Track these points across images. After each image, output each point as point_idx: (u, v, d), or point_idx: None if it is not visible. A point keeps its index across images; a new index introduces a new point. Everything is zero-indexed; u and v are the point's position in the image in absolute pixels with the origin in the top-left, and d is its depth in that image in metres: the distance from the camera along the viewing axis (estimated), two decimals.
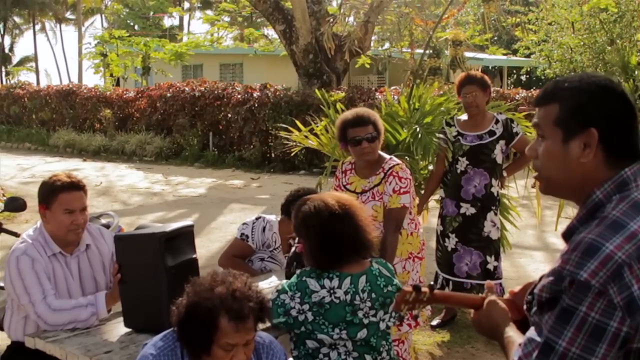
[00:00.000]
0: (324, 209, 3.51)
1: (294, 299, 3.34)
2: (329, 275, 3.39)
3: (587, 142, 2.22)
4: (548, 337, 2.12)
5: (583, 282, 2.04)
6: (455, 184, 6.86)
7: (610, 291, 2.02)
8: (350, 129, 5.16)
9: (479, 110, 6.78)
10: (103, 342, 3.85)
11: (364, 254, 3.56)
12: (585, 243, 2.09)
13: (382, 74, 37.94)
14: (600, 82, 2.29)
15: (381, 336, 3.55)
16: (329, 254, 3.44)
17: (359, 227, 3.51)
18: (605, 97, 2.25)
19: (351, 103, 17.21)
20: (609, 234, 2.09)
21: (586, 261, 2.06)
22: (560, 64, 27.03)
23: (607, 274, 2.03)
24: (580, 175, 2.27)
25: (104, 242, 4.50)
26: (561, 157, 2.29)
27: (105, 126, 26.93)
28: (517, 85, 42.87)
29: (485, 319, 2.60)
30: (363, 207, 3.70)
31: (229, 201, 14.81)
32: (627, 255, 2.04)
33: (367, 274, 3.49)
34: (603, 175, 2.23)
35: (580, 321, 2.05)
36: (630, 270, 2.03)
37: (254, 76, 33.09)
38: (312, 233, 3.49)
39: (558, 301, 2.10)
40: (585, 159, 2.23)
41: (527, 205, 11.95)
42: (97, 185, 17.70)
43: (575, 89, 2.29)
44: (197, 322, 2.86)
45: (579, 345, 2.06)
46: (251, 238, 5.22)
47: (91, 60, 36.42)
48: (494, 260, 6.90)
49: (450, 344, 6.71)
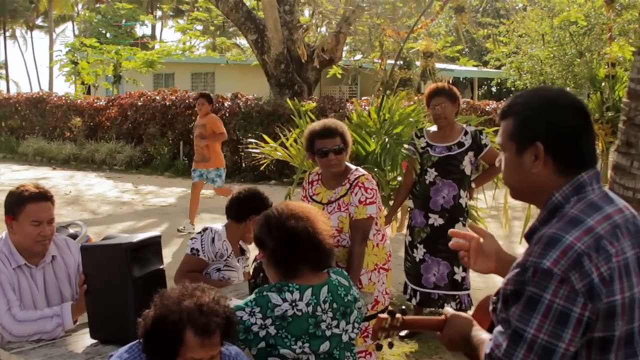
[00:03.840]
0: (286, 210, 3.53)
1: (253, 315, 3.30)
2: (290, 288, 3.37)
3: (536, 154, 2.35)
4: (516, 326, 2.21)
5: (546, 270, 2.15)
6: (423, 194, 6.88)
7: (572, 278, 2.14)
8: (317, 140, 5.17)
9: (448, 122, 6.82)
10: (68, 353, 3.82)
11: (323, 261, 3.55)
12: (546, 237, 2.22)
13: (353, 85, 38.01)
14: (548, 96, 2.42)
15: (344, 348, 3.54)
16: (291, 253, 3.43)
17: (318, 231, 3.51)
18: (551, 111, 2.37)
19: (322, 113, 17.23)
20: (568, 228, 2.22)
21: (548, 251, 2.18)
22: (530, 76, 27.28)
23: (568, 262, 2.14)
24: (535, 183, 2.40)
25: (70, 253, 4.46)
26: (517, 167, 2.43)
27: (75, 134, 26.75)
28: (488, 97, 43.11)
29: (454, 331, 2.67)
30: (325, 218, 3.69)
31: (200, 211, 14.74)
32: (586, 246, 2.16)
33: (328, 285, 3.48)
34: (556, 182, 2.36)
35: (546, 308, 2.16)
36: (589, 259, 2.15)
37: (226, 85, 33.05)
38: (274, 232, 3.47)
39: (523, 293, 2.20)
40: (536, 170, 2.37)
41: (496, 216, 12.02)
42: (66, 194, 17.58)
43: (525, 104, 2.43)
44: (163, 335, 2.85)
45: (546, 331, 2.16)
46: (202, 251, 5.14)
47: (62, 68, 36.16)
48: (462, 271, 6.93)
49: (419, 355, 6.73)
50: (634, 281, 2.23)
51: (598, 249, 2.17)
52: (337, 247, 5.15)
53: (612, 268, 2.18)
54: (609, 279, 2.16)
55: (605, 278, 2.16)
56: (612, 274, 2.17)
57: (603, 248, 2.18)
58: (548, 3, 26.47)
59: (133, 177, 21.47)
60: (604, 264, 2.17)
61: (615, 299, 2.17)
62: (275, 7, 19.82)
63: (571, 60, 24.99)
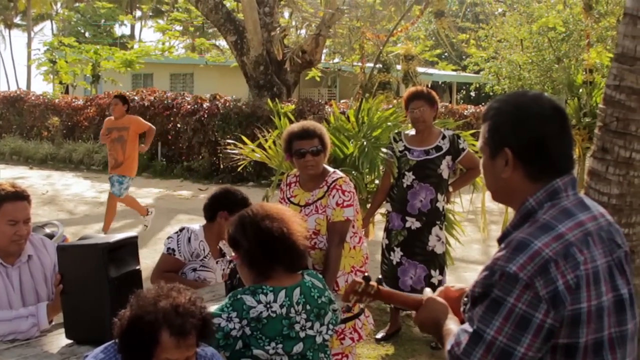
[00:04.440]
0: (260, 211, 3.54)
1: (231, 320, 3.30)
2: (264, 290, 3.37)
3: (506, 160, 2.38)
4: (478, 326, 2.24)
5: (512, 275, 2.18)
6: (401, 198, 6.91)
7: (537, 284, 2.15)
8: (295, 141, 5.17)
9: (426, 126, 6.85)
10: (43, 353, 3.80)
11: (297, 262, 3.56)
12: (515, 241, 2.24)
13: (332, 88, 38.03)
14: (519, 103, 2.44)
15: (318, 349, 3.54)
16: (265, 253, 3.43)
17: (292, 233, 3.52)
18: (521, 118, 2.39)
19: (301, 115, 17.24)
20: (538, 233, 2.23)
21: (516, 256, 2.20)
22: (508, 81, 27.39)
23: (534, 268, 2.16)
24: (508, 187, 2.43)
25: (46, 253, 4.44)
26: (491, 171, 2.47)
27: (52, 134, 26.64)
28: (467, 101, 43.27)
29: (427, 316, 2.69)
30: (300, 220, 3.70)
31: (177, 212, 14.74)
32: (554, 252, 2.18)
33: (300, 286, 3.49)
34: (529, 188, 2.38)
35: (507, 311, 2.18)
36: (556, 266, 2.16)
37: (205, 86, 32.99)
38: (248, 232, 3.48)
39: (489, 295, 2.22)
40: (505, 175, 2.40)
41: (474, 220, 12.07)
42: (43, 193, 17.50)
43: (497, 110, 2.46)
44: (138, 336, 2.84)
45: (506, 334, 2.18)
46: (178, 251, 5.13)
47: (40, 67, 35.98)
48: (439, 274, 6.96)
49: (395, 357, 6.76)
50: (603, 289, 2.24)
51: (566, 256, 2.19)
52: (314, 249, 5.16)
53: (579, 276, 2.18)
54: (574, 286, 2.17)
55: (571, 286, 2.17)
56: (579, 281, 2.18)
57: (572, 255, 2.19)
58: (527, 9, 26.59)
59: None
60: (571, 272, 2.18)
61: (580, 307, 2.18)
62: (255, 8, 19.81)
63: (549, 66, 25.14)
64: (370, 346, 6.95)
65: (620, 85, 4.53)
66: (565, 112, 2.44)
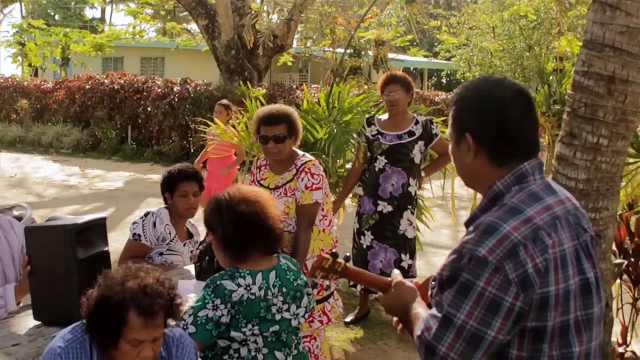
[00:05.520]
0: (237, 194, 3.54)
1: (217, 308, 3.30)
2: (241, 274, 3.38)
3: (468, 146, 2.39)
4: (447, 310, 2.24)
5: (481, 258, 2.18)
6: (373, 181, 6.92)
7: (506, 267, 2.16)
8: (261, 126, 5.16)
9: (400, 110, 6.87)
10: (11, 335, 3.78)
11: (273, 245, 3.57)
12: (484, 224, 2.24)
13: (304, 72, 37.98)
14: (480, 88, 2.45)
15: (292, 332, 3.57)
16: (241, 237, 3.44)
17: (269, 216, 3.53)
18: (480, 103, 2.40)
19: (272, 100, 17.20)
20: (506, 217, 2.24)
21: (484, 239, 2.20)
22: (480, 68, 27.45)
23: (503, 252, 2.17)
24: (474, 172, 2.45)
25: (14, 234, 4.40)
26: (457, 157, 2.49)
27: (21, 117, 26.44)
28: (438, 88, 43.35)
29: (395, 299, 2.70)
30: (275, 202, 3.71)
31: (146, 195, 14.69)
32: (522, 236, 2.18)
33: (276, 269, 3.51)
34: (494, 172, 2.39)
35: (477, 295, 2.18)
36: (525, 249, 2.17)
37: (176, 70, 32.84)
38: (225, 216, 3.48)
39: (457, 279, 2.23)
40: (468, 160, 2.42)
41: (443, 206, 12.12)
42: (11, 176, 17.37)
43: (459, 96, 2.48)
44: (106, 316, 2.83)
45: (476, 318, 2.19)
46: (144, 236, 5.10)
47: (8, 49, 35.63)
48: (409, 258, 6.99)
49: (364, 341, 6.78)
50: (570, 273, 2.25)
51: (535, 239, 2.20)
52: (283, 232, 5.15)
53: (547, 259, 2.20)
54: (543, 270, 2.19)
55: (540, 269, 2.18)
56: (547, 265, 2.19)
57: (540, 239, 2.20)
58: None
59: (80, 161, 21.29)
60: (539, 255, 2.19)
61: (549, 290, 2.20)
62: None
63: (520, 54, 25.21)
64: (339, 329, 6.98)
65: (589, 72, 4.55)
66: (530, 96, 2.43)
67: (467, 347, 2.21)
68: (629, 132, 4.62)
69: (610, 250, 5.06)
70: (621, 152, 4.65)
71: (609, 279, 5.03)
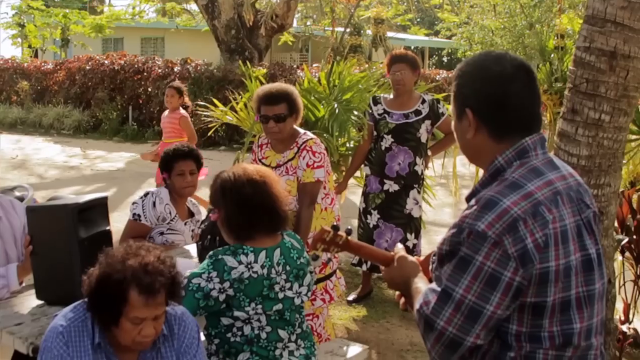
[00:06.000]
0: (242, 175, 3.52)
1: (211, 280, 3.30)
2: (244, 251, 3.38)
3: (469, 121, 2.38)
4: (446, 284, 2.24)
5: (480, 233, 2.18)
6: (379, 161, 6.91)
7: (505, 242, 2.16)
8: (262, 106, 5.15)
9: (406, 89, 6.85)
10: (14, 314, 3.79)
11: (278, 226, 3.57)
12: (484, 199, 2.23)
13: (304, 52, 37.90)
14: (480, 63, 2.44)
15: (295, 310, 3.57)
16: (245, 219, 3.43)
17: (274, 196, 3.52)
18: (479, 78, 2.39)
19: (272, 79, 17.17)
20: (507, 192, 2.23)
21: (484, 214, 2.19)
22: (481, 46, 27.35)
23: (502, 226, 2.16)
24: (475, 148, 2.44)
25: (15, 215, 4.39)
26: (459, 132, 2.47)
27: (22, 98, 26.41)
28: (439, 67, 43.25)
29: (397, 273, 2.69)
30: (280, 180, 3.70)
31: (148, 176, 14.66)
32: (522, 210, 2.17)
33: (280, 247, 3.50)
34: (495, 147, 2.37)
35: (476, 270, 2.18)
36: (525, 224, 2.16)
37: (176, 51, 32.74)
38: (229, 198, 3.47)
39: (457, 253, 2.23)
40: (469, 136, 2.40)
41: (445, 184, 12.13)
42: (12, 158, 17.37)
43: (459, 72, 2.47)
44: (107, 294, 2.83)
45: (474, 292, 2.19)
46: (143, 216, 5.11)
47: (8, 30, 35.55)
48: (414, 237, 6.99)
49: (366, 319, 6.80)
50: (571, 249, 2.24)
51: (535, 214, 2.18)
52: None
53: (547, 234, 2.18)
54: (543, 245, 2.17)
55: (539, 244, 2.17)
56: (547, 240, 2.18)
57: (540, 214, 2.19)
58: None
59: (81, 142, 21.28)
60: (539, 230, 2.18)
61: (548, 266, 2.19)
62: None
63: (521, 32, 25.11)
64: (342, 308, 6.98)
65: (590, 47, 4.54)
66: (531, 71, 2.41)
67: (465, 321, 2.20)
68: (631, 108, 4.62)
69: (613, 227, 5.07)
70: (623, 128, 4.65)
71: (612, 255, 5.04)
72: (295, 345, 3.58)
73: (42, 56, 34.11)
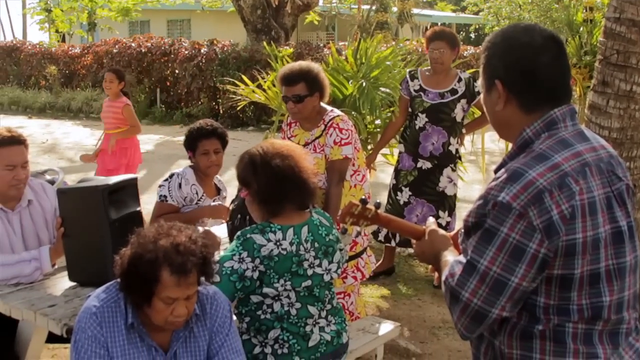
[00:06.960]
0: (271, 149, 3.53)
1: (243, 261, 3.31)
2: (272, 229, 3.38)
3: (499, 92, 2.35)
4: (471, 256, 2.24)
5: (505, 204, 2.16)
6: (413, 139, 6.89)
7: (531, 214, 2.14)
8: (283, 86, 5.13)
9: (444, 68, 6.81)
10: (47, 296, 3.83)
11: (307, 199, 3.56)
12: (510, 170, 2.22)
13: (331, 30, 37.81)
14: (509, 34, 2.41)
15: (324, 286, 3.57)
16: (277, 191, 3.43)
17: (303, 170, 3.51)
18: (508, 49, 2.37)
19: (299, 59, 17.09)
20: (533, 163, 2.21)
21: (509, 185, 2.18)
22: (508, 21, 27.09)
23: (528, 197, 2.15)
24: (504, 120, 2.42)
25: (46, 198, 4.43)
26: (488, 105, 2.45)
27: (50, 83, 26.55)
28: (466, 43, 42.98)
29: (428, 247, 2.70)
30: (308, 156, 3.69)
31: (177, 157, 14.72)
32: (548, 182, 2.16)
33: (308, 224, 3.50)
34: (524, 119, 2.35)
35: (501, 241, 2.17)
36: (550, 196, 2.15)
37: (202, 32, 32.78)
38: (260, 170, 3.47)
39: (482, 225, 2.22)
40: (499, 108, 2.38)
41: (474, 161, 12.07)
42: (42, 142, 17.49)
43: (488, 43, 2.44)
44: (139, 274, 2.84)
45: (499, 264, 2.18)
46: (170, 197, 5.07)
47: (35, 16, 35.72)
48: (447, 215, 6.96)
49: (397, 297, 6.79)
50: (599, 220, 2.21)
51: (561, 186, 2.16)
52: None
53: (574, 206, 2.16)
54: (569, 216, 2.15)
55: (565, 215, 2.15)
56: (574, 211, 2.16)
57: (567, 185, 2.17)
58: None
59: None
60: (565, 202, 2.15)
61: (575, 237, 2.16)
62: None
63: (549, 5, 24.86)
64: (373, 286, 6.98)
65: (621, 18, 4.49)
66: (560, 42, 2.38)
67: (490, 293, 2.20)
68: None
69: None
70: None
71: None
72: (325, 321, 3.58)
73: (70, 40, 34.23)
